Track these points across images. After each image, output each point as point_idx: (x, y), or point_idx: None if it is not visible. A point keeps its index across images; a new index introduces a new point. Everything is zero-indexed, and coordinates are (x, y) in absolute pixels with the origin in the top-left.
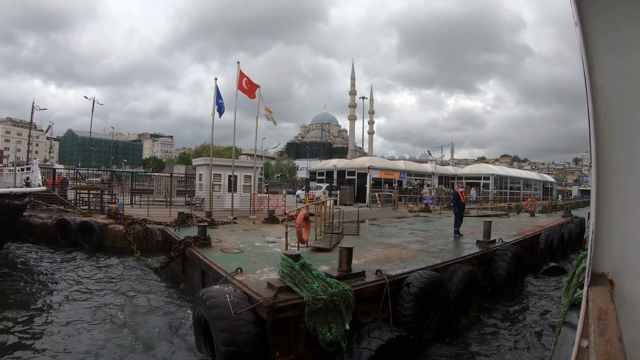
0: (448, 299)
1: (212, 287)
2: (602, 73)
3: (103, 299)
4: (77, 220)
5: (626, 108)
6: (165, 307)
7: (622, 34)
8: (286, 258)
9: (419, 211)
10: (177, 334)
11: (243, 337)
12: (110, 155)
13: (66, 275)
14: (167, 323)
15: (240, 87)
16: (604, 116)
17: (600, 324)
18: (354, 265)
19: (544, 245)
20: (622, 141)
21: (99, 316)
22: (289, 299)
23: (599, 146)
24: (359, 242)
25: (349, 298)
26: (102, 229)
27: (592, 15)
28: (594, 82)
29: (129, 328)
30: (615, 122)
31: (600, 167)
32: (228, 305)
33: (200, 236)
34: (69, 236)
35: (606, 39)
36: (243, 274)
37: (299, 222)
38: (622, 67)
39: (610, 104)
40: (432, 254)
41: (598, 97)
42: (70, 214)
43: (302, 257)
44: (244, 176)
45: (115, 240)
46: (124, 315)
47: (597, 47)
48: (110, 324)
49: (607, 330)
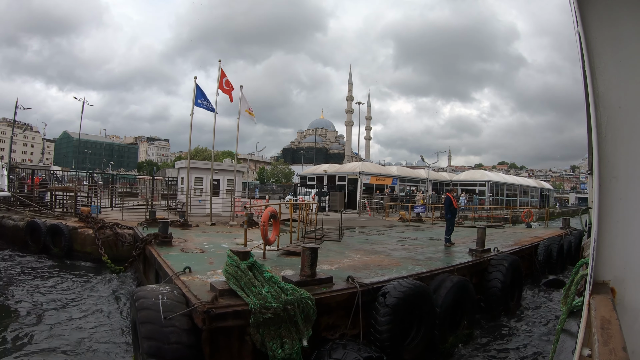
0: (434, 314)
1: (147, 287)
2: (604, 80)
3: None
4: (48, 224)
5: (628, 115)
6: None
7: (624, 42)
8: (232, 255)
9: (410, 220)
10: (118, 342)
11: (172, 347)
12: (102, 158)
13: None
14: (110, 329)
15: (220, 86)
16: (606, 124)
17: (603, 333)
18: (323, 270)
19: (543, 256)
20: (623, 149)
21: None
22: (230, 305)
23: (600, 154)
24: (339, 248)
25: (308, 308)
26: (71, 232)
27: (594, 23)
28: (596, 89)
29: (55, 337)
30: (617, 129)
31: (602, 174)
32: (158, 307)
33: (161, 233)
34: (39, 240)
35: (608, 47)
36: (191, 274)
37: (264, 220)
38: (624, 74)
39: (612, 112)
40: (417, 261)
41: (600, 105)
42: (43, 216)
43: (253, 255)
44: (227, 180)
45: (84, 245)
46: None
47: (599, 55)
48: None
49: (610, 340)
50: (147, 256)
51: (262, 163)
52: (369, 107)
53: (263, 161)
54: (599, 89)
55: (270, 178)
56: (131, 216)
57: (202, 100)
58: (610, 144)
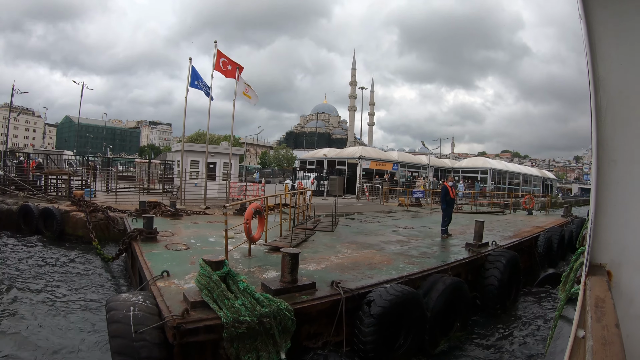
0: (424, 319)
1: (120, 295)
2: (605, 65)
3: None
4: (40, 207)
5: (628, 100)
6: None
7: (626, 26)
8: (204, 265)
9: (408, 205)
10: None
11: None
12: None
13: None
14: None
15: (217, 67)
16: (606, 108)
17: (597, 311)
18: (308, 272)
19: (543, 248)
20: (622, 133)
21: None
22: (202, 319)
23: (599, 137)
24: (330, 241)
25: (286, 319)
26: (63, 216)
27: (596, 8)
28: (597, 73)
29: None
30: (617, 113)
31: (601, 158)
32: (129, 320)
33: (145, 229)
34: (31, 223)
35: (610, 31)
36: (169, 278)
37: (247, 217)
38: (625, 59)
39: (612, 96)
40: (410, 258)
41: (600, 89)
42: (37, 200)
43: (227, 265)
44: (223, 163)
45: (76, 228)
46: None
47: (601, 39)
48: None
49: (604, 317)
50: (133, 253)
51: (264, 147)
52: (373, 92)
53: (265, 145)
54: (600, 73)
55: (273, 162)
56: (125, 200)
57: (198, 82)
58: (609, 127)
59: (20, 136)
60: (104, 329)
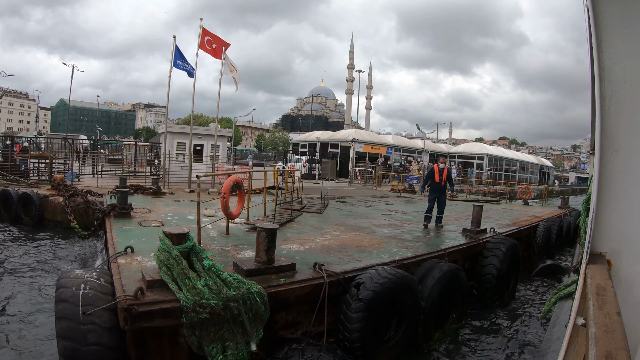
0: (418, 308)
1: (72, 272)
2: (611, 54)
3: None
4: (20, 192)
5: (632, 90)
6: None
7: (632, 16)
8: (163, 238)
9: (401, 190)
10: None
11: (90, 349)
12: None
13: None
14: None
15: (202, 46)
16: (610, 97)
17: (599, 299)
18: (290, 253)
19: (542, 238)
20: (626, 123)
21: None
22: (158, 301)
23: (603, 127)
24: (317, 222)
25: (257, 305)
26: (42, 201)
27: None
28: (602, 63)
29: None
30: (621, 103)
31: (604, 147)
32: (78, 300)
33: (119, 204)
34: (11, 209)
35: (616, 21)
36: (132, 255)
37: (225, 191)
38: (630, 49)
39: (617, 86)
40: (403, 242)
41: (605, 78)
42: (18, 185)
43: (191, 238)
44: (211, 145)
45: (55, 213)
46: None
47: (607, 29)
48: None
49: (605, 305)
50: (105, 229)
51: (260, 130)
52: (370, 75)
53: (262, 128)
54: (605, 63)
55: (269, 145)
56: (109, 183)
57: (180, 62)
58: (613, 117)
59: (15, 120)
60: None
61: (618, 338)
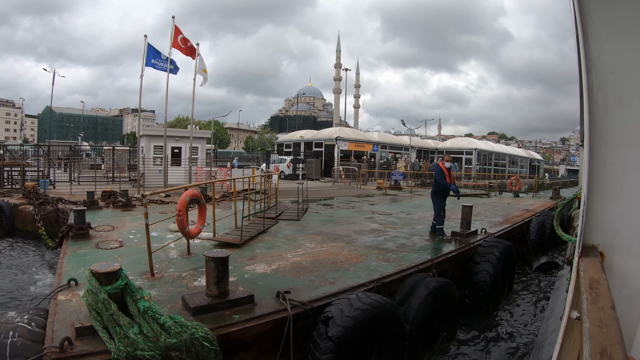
0: (401, 334)
1: (5, 315)
2: (597, 46)
3: None
4: None
5: (619, 81)
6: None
7: (617, 7)
8: (90, 278)
9: (387, 188)
10: None
11: None
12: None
13: None
14: None
15: (175, 44)
16: (598, 89)
17: (592, 292)
18: (253, 277)
19: (535, 234)
20: (614, 114)
21: None
22: (86, 354)
23: (591, 119)
24: (293, 232)
25: (204, 352)
26: (12, 210)
27: None
28: (589, 54)
29: None
30: (608, 95)
31: (593, 139)
32: (5, 350)
33: (75, 224)
34: None
35: (602, 12)
36: (76, 288)
37: (180, 208)
38: (617, 40)
39: (604, 77)
40: (385, 253)
41: (592, 70)
42: None
43: (123, 276)
44: (189, 148)
45: (25, 222)
46: None
47: (593, 20)
48: None
49: (599, 299)
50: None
51: (249, 132)
52: (358, 74)
53: (250, 130)
54: (592, 54)
55: (257, 147)
56: (84, 190)
57: (156, 60)
58: (601, 109)
59: (1, 129)
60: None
61: (613, 333)
